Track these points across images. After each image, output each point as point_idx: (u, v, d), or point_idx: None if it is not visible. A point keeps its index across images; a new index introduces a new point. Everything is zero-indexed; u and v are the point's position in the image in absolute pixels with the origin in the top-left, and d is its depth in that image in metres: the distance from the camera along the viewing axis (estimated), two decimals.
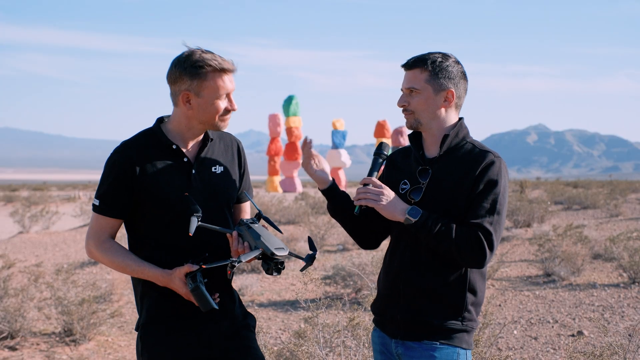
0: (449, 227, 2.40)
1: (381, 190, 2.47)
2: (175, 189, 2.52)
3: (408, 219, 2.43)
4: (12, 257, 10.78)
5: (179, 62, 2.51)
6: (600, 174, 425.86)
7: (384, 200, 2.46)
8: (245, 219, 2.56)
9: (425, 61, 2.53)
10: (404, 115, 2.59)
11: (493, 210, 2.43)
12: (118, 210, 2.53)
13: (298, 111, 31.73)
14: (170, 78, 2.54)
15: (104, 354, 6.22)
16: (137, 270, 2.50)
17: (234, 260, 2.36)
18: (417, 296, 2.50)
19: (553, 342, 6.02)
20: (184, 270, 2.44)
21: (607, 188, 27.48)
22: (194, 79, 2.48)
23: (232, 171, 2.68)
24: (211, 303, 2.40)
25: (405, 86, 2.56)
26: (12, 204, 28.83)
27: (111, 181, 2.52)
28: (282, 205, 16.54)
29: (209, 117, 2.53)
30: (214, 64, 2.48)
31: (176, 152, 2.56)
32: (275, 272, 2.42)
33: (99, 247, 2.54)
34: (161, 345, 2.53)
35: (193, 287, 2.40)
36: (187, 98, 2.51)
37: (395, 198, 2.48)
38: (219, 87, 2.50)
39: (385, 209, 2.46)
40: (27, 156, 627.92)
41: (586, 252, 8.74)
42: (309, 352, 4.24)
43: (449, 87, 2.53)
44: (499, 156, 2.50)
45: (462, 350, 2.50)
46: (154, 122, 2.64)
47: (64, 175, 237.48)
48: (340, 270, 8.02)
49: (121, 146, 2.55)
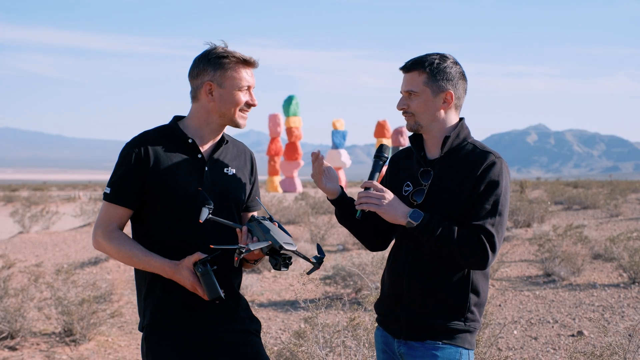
0: (451, 230, 2.40)
1: (382, 195, 2.47)
2: (187, 183, 2.53)
3: (410, 222, 2.43)
4: (12, 257, 10.78)
5: (204, 56, 2.58)
6: (600, 174, 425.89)
7: (386, 204, 2.45)
8: (257, 216, 2.57)
9: (423, 63, 2.52)
10: (404, 117, 2.59)
11: (495, 212, 2.43)
12: (129, 199, 2.53)
13: (298, 111, 31.73)
14: (193, 73, 2.60)
15: (104, 354, 6.23)
16: (143, 261, 2.49)
17: (242, 247, 2.37)
18: (420, 297, 2.50)
19: (553, 342, 6.02)
20: (193, 259, 2.44)
21: (607, 188, 27.49)
22: (217, 69, 2.55)
23: (244, 176, 2.70)
24: (218, 290, 2.40)
25: (404, 89, 2.56)
26: (12, 204, 28.84)
27: (124, 170, 2.53)
28: (282, 205, 16.54)
29: (229, 110, 2.56)
30: (238, 55, 2.56)
31: (192, 147, 2.58)
32: (284, 267, 2.43)
33: (107, 236, 2.53)
34: (166, 346, 2.52)
35: (203, 271, 2.40)
36: (210, 89, 2.56)
37: (396, 201, 2.47)
38: (242, 79, 2.56)
39: (387, 212, 2.45)
40: (27, 156, 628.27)
41: (586, 252, 8.74)
42: (309, 352, 4.24)
43: (448, 88, 2.53)
44: (500, 157, 2.50)
45: (464, 350, 2.50)
46: (171, 120, 2.67)
47: (64, 175, 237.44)
48: (340, 270, 8.02)
49: (137, 137, 2.58)
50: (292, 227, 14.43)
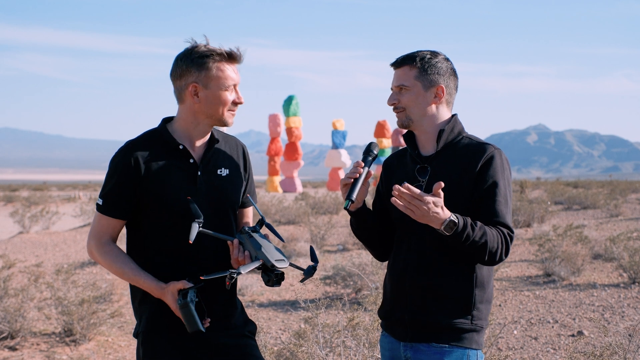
0: (483, 231, 2.33)
1: (429, 201, 2.26)
2: (180, 190, 2.50)
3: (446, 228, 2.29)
4: (12, 257, 10.78)
5: (185, 55, 2.50)
6: (600, 174, 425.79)
7: (438, 211, 2.28)
8: (247, 227, 2.52)
9: (414, 58, 2.51)
10: (394, 113, 2.56)
11: (507, 205, 2.43)
12: (122, 210, 2.51)
13: (298, 111, 31.73)
14: (175, 73, 2.52)
15: (104, 354, 6.22)
16: (132, 279, 2.48)
17: (233, 272, 2.32)
18: (423, 295, 2.46)
19: (553, 342, 6.01)
20: (178, 286, 2.41)
21: (607, 188, 27.49)
22: (201, 70, 2.47)
23: (238, 175, 2.66)
24: (198, 324, 2.35)
25: (394, 84, 2.54)
26: (12, 204, 28.85)
27: (115, 181, 2.50)
28: (282, 205, 16.53)
29: (216, 111, 2.51)
30: (221, 51, 2.48)
31: (183, 153, 2.53)
32: (276, 284, 2.39)
33: (99, 249, 2.52)
34: (162, 353, 2.51)
35: (182, 304, 2.36)
36: (195, 90, 2.49)
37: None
38: (227, 78, 2.49)
39: (426, 218, 2.29)
40: (27, 156, 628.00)
41: (586, 252, 8.74)
42: (309, 352, 4.24)
43: (439, 82, 2.51)
44: (497, 148, 2.47)
45: (472, 351, 2.45)
46: (159, 123, 2.61)
47: (64, 175, 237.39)
48: (340, 271, 8.02)
49: (126, 145, 2.53)
50: (292, 227, 14.43)
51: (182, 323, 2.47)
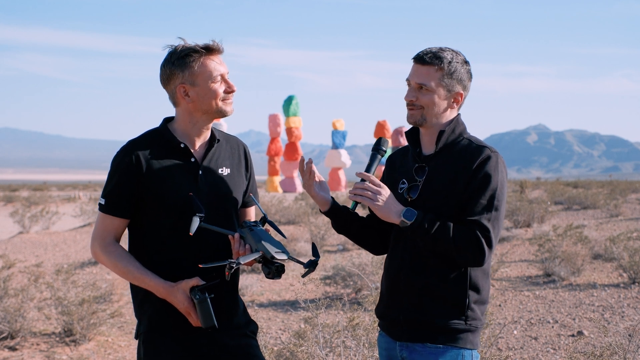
0: (446, 227, 2.36)
1: (379, 190, 2.42)
2: (181, 189, 2.50)
3: (403, 221, 2.38)
4: (12, 257, 10.78)
5: (167, 61, 2.52)
6: (600, 174, 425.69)
7: (381, 201, 2.41)
8: (249, 221, 2.54)
9: (441, 59, 2.46)
10: (408, 109, 2.52)
11: (491, 207, 2.38)
12: (124, 209, 2.51)
13: (298, 111, 31.72)
14: (163, 79, 2.55)
15: (104, 354, 6.23)
16: (138, 278, 2.48)
17: (232, 262, 2.34)
18: (418, 295, 2.46)
19: (553, 342, 6.01)
20: (191, 283, 2.43)
21: (607, 188, 27.49)
22: (184, 69, 2.49)
23: (239, 174, 2.67)
24: (213, 319, 2.40)
25: (416, 80, 2.48)
26: (12, 204, 28.84)
27: (117, 180, 2.51)
28: (282, 205, 16.53)
29: (210, 104, 2.52)
30: (199, 47, 2.50)
31: (184, 152, 2.55)
32: (276, 276, 2.40)
33: (104, 249, 2.52)
34: (163, 353, 2.52)
35: (200, 299, 2.39)
36: (184, 91, 2.51)
37: (391, 199, 2.42)
38: (212, 70, 2.50)
39: (381, 210, 2.41)
40: (27, 156, 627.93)
41: (586, 252, 8.74)
42: (309, 352, 4.24)
43: (460, 89, 2.50)
44: (495, 151, 2.45)
45: (467, 351, 2.45)
46: (161, 122, 2.63)
47: (64, 175, 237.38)
48: (340, 271, 8.02)
49: (128, 145, 2.54)
50: (292, 227, 14.43)
51: (186, 322, 2.49)
